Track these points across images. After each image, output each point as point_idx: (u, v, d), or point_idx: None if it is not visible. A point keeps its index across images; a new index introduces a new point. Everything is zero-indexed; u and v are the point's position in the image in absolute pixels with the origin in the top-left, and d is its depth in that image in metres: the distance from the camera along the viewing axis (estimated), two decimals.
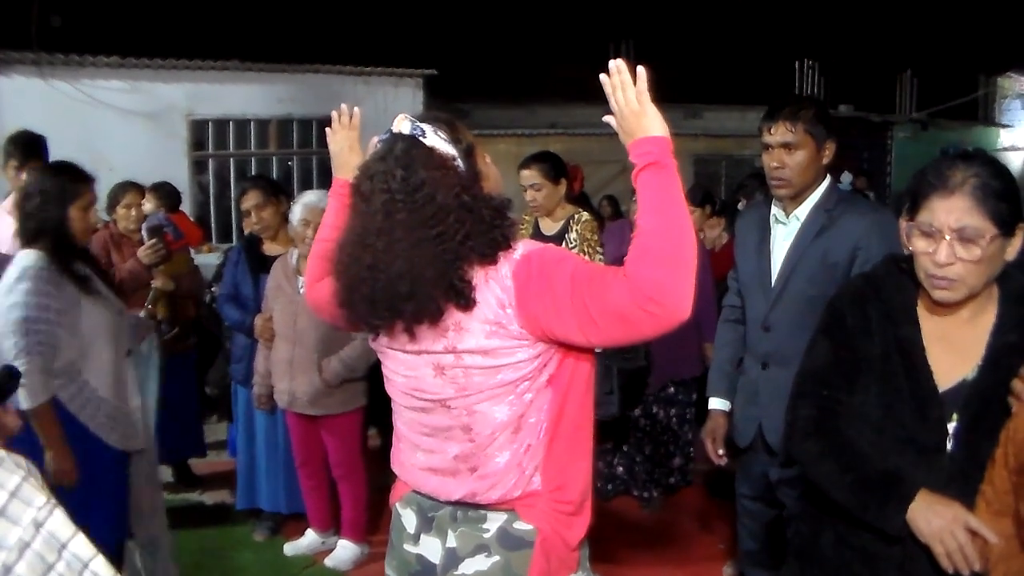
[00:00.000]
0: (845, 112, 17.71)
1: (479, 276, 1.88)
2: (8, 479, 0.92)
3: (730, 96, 16.92)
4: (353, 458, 4.48)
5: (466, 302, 1.86)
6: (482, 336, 1.89)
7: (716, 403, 3.33)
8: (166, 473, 5.67)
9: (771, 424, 2.99)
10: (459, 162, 1.93)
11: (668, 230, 1.77)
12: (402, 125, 1.96)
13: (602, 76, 1.90)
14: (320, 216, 2.70)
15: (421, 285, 1.85)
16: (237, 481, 4.94)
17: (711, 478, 5.26)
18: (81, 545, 0.95)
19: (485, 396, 1.93)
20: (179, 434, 5.52)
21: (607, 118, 1.94)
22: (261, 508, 4.88)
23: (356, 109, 2.48)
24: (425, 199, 1.86)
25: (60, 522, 0.94)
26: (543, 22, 19.33)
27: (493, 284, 1.87)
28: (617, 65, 1.89)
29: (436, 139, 1.93)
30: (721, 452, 3.27)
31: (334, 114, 2.47)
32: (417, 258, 1.85)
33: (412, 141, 1.92)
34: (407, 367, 2.02)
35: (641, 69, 1.86)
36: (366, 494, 4.51)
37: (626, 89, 1.87)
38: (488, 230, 1.88)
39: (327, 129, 2.48)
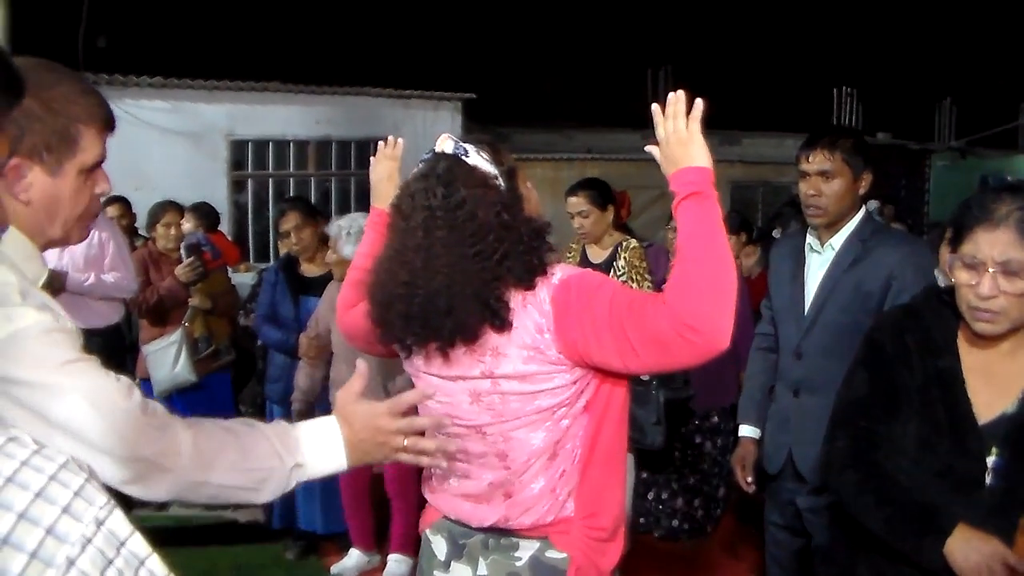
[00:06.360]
0: (883, 140, 17.53)
1: (517, 300, 1.88)
2: (72, 480, 0.95)
3: (768, 123, 16.91)
4: (408, 474, 4.47)
5: (501, 323, 1.86)
6: (519, 361, 1.88)
7: (746, 430, 3.33)
8: None
9: (801, 451, 2.98)
10: (500, 181, 1.93)
11: (709, 260, 1.77)
12: (445, 144, 1.96)
13: (654, 106, 1.91)
14: None
15: (459, 302, 1.85)
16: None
17: (741, 504, 5.21)
18: (138, 544, 0.98)
19: (522, 422, 1.93)
20: None
21: (650, 148, 1.95)
22: (296, 527, 4.89)
23: (400, 140, 2.47)
24: (466, 216, 1.86)
25: (119, 521, 0.97)
26: (581, 48, 19.46)
27: (531, 309, 1.87)
28: (676, 95, 1.89)
29: (478, 159, 1.93)
30: (750, 479, 3.27)
31: (380, 144, 2.46)
32: (456, 275, 1.85)
33: (454, 160, 1.92)
34: (442, 393, 2.01)
35: (699, 100, 1.87)
36: (416, 510, 4.52)
37: (677, 118, 1.88)
38: (526, 252, 1.88)
39: (372, 158, 2.47)
